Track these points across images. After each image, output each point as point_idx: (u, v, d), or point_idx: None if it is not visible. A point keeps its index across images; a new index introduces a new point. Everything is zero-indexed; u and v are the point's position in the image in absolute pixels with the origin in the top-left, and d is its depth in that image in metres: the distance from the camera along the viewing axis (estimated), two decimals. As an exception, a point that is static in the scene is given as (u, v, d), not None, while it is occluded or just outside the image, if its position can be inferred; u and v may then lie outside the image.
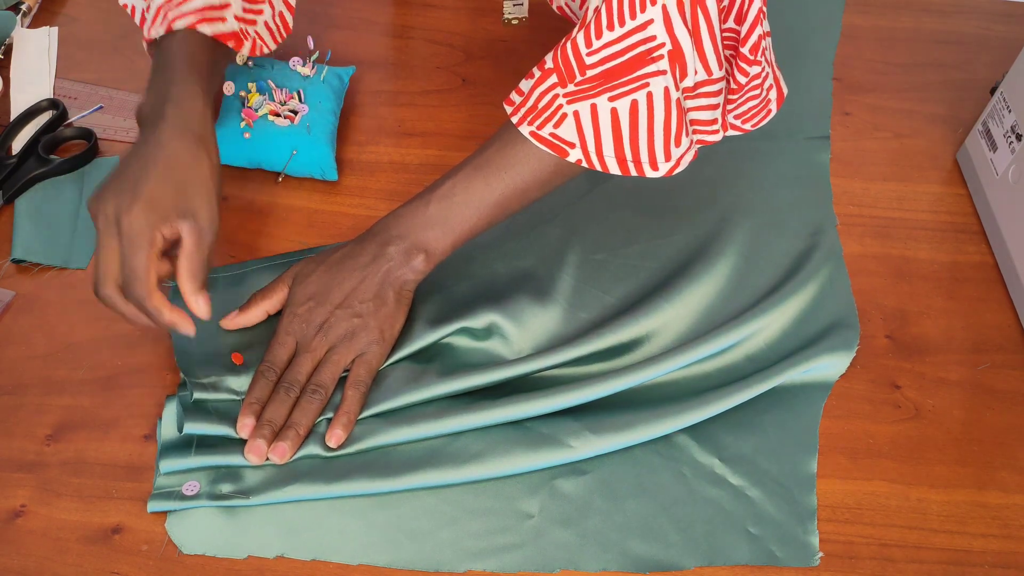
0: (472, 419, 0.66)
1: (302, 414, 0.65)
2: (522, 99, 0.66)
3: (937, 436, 0.70)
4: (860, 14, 1.03)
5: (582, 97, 0.64)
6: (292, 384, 0.66)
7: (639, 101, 0.63)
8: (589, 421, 0.67)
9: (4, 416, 0.68)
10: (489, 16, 1.01)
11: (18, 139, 0.84)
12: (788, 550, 0.63)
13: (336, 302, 0.68)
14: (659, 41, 0.61)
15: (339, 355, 0.67)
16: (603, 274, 0.77)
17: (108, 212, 0.61)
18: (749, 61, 0.65)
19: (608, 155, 0.65)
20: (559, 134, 0.65)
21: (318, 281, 0.69)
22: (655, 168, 0.66)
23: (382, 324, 0.68)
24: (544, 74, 0.65)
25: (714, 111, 0.67)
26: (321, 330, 0.67)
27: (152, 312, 0.61)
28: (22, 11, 0.96)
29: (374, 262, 0.69)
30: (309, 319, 0.67)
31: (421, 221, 0.69)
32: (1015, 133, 0.80)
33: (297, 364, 0.66)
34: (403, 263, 0.68)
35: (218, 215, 0.64)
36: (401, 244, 0.69)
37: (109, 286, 0.61)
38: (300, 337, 0.67)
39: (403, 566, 0.62)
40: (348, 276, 0.68)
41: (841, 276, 0.78)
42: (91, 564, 0.61)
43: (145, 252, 0.60)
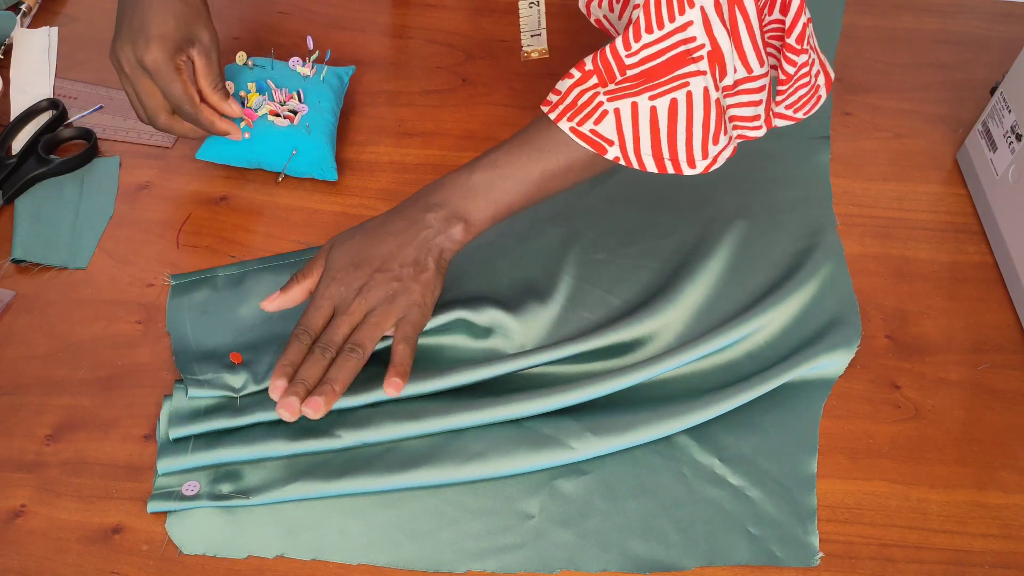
0: (474, 416, 0.66)
1: (339, 371, 0.63)
2: (559, 97, 0.66)
3: (937, 436, 0.70)
4: (860, 14, 1.03)
5: (623, 95, 0.64)
6: (328, 345, 0.64)
7: (679, 100, 0.64)
8: (590, 422, 0.67)
9: (4, 416, 0.68)
10: (489, 16, 1.01)
11: (18, 139, 0.84)
12: (788, 550, 0.63)
13: (375, 266, 0.66)
14: (699, 42, 0.62)
15: (378, 317, 0.65)
16: (604, 274, 0.77)
17: (130, 58, 0.72)
18: (796, 51, 0.66)
19: (645, 153, 0.66)
20: (599, 131, 0.66)
21: (356, 246, 0.67)
22: (692, 166, 0.67)
23: (423, 288, 0.66)
24: (584, 75, 0.65)
25: (756, 107, 0.67)
26: (360, 293, 0.65)
27: (206, 124, 0.76)
28: (22, 11, 0.96)
29: (413, 227, 0.67)
30: (347, 283, 0.66)
31: (463, 190, 0.68)
32: (1015, 133, 0.80)
33: (334, 326, 0.65)
34: (442, 230, 0.67)
35: (216, 33, 0.75)
36: (440, 211, 0.68)
37: (162, 116, 0.75)
38: (338, 301, 0.66)
39: (403, 566, 0.62)
40: (386, 240, 0.67)
41: (842, 274, 0.78)
42: (91, 564, 0.61)
43: (178, 80, 0.72)
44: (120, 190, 0.82)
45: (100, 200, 0.81)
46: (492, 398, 0.67)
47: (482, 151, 0.86)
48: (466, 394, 0.68)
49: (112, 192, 0.82)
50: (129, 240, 0.79)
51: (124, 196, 0.82)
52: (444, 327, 0.71)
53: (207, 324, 0.72)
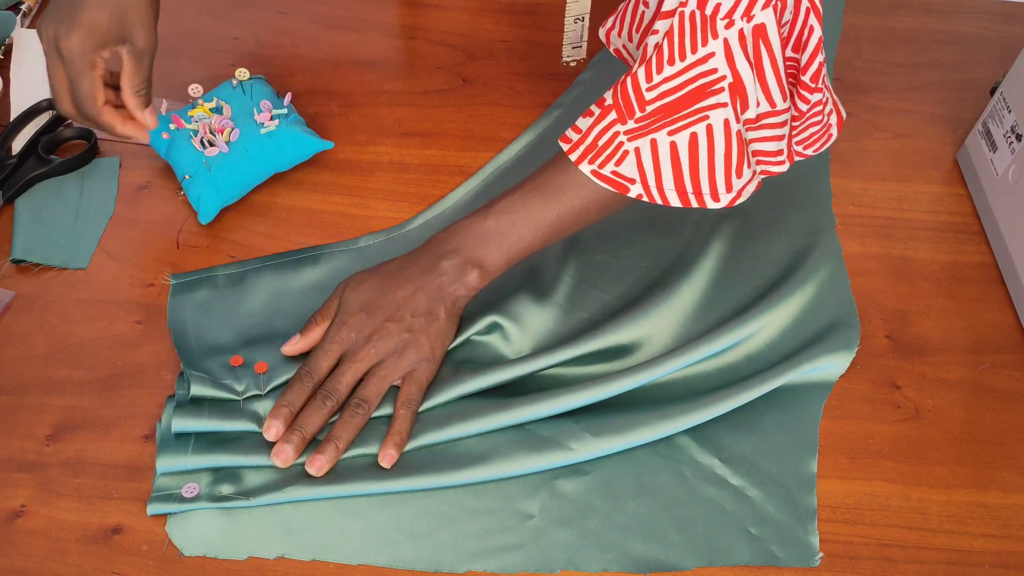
0: (475, 424, 0.66)
1: (344, 428, 0.63)
2: (580, 136, 0.65)
3: (937, 436, 0.70)
4: (860, 14, 1.03)
5: (642, 133, 0.64)
6: (331, 393, 0.64)
7: (699, 134, 0.63)
8: (589, 423, 0.67)
9: (4, 416, 0.68)
10: (489, 16, 1.01)
11: (18, 139, 0.84)
12: (788, 550, 0.63)
13: (387, 314, 0.66)
14: (720, 74, 0.61)
15: (387, 370, 0.65)
16: (603, 274, 0.77)
17: (49, 36, 0.66)
18: (810, 89, 0.65)
19: (668, 188, 0.65)
20: (620, 171, 0.65)
21: (370, 291, 0.67)
22: (716, 199, 0.66)
23: (432, 341, 0.66)
24: (603, 111, 0.64)
25: (779, 142, 0.67)
26: (370, 342, 0.65)
27: (105, 126, 0.70)
28: (22, 11, 0.96)
29: (427, 274, 0.67)
30: (358, 328, 0.66)
31: (477, 235, 0.68)
32: (1015, 133, 0.80)
33: (340, 374, 0.65)
34: (456, 278, 0.67)
35: (155, 38, 0.69)
36: (456, 258, 0.67)
37: (65, 103, 0.69)
38: (348, 347, 0.66)
39: (403, 566, 0.62)
40: (400, 287, 0.67)
41: (840, 275, 0.78)
42: (91, 564, 0.61)
43: (88, 76, 0.67)
44: (120, 190, 0.82)
45: (100, 200, 0.81)
46: (491, 403, 0.67)
47: (482, 151, 0.87)
48: (466, 403, 0.68)
49: (112, 192, 0.82)
50: (129, 240, 0.79)
51: (124, 196, 0.82)
52: None
53: (208, 322, 0.72)
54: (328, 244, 0.79)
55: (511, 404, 0.67)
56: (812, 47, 0.64)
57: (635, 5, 0.71)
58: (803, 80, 0.65)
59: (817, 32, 0.63)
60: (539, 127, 0.89)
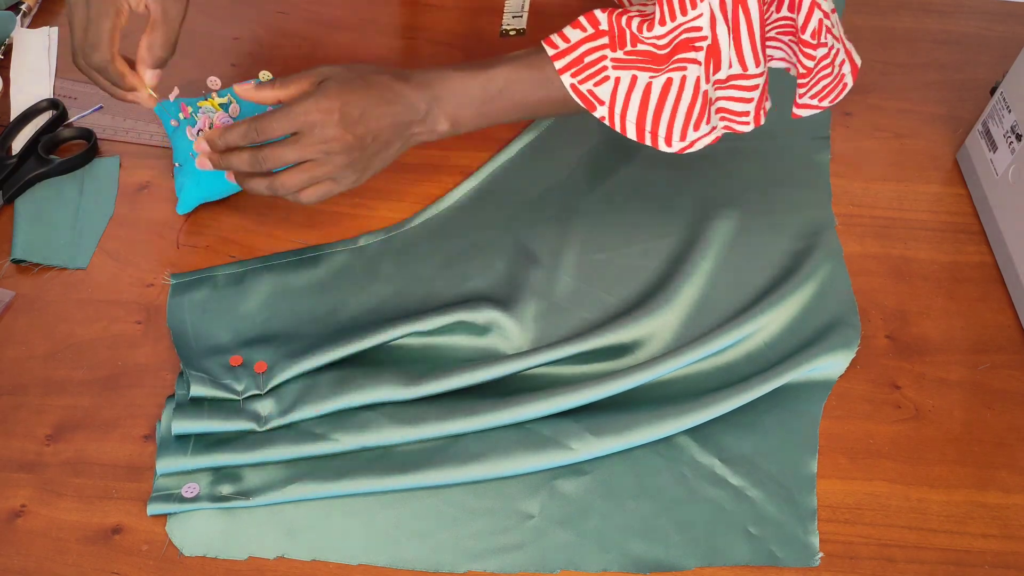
0: (473, 422, 0.66)
1: (239, 161, 0.67)
2: (567, 46, 0.68)
3: (937, 436, 0.70)
4: (860, 14, 1.03)
5: (627, 67, 0.67)
6: (264, 160, 0.67)
7: (673, 80, 0.67)
8: (589, 423, 0.67)
9: (4, 416, 0.68)
10: (489, 16, 1.01)
11: (18, 139, 0.84)
12: (788, 550, 0.63)
13: (353, 127, 0.67)
14: (703, 34, 0.65)
15: (317, 171, 0.67)
16: (603, 274, 0.77)
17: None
18: (813, 46, 0.68)
19: (630, 121, 0.69)
20: (595, 92, 0.68)
21: (352, 92, 0.67)
22: (668, 144, 0.70)
23: (371, 165, 0.69)
24: (596, 33, 0.67)
25: (747, 104, 0.70)
26: (323, 142, 0.66)
27: (114, 76, 0.67)
28: (22, 11, 0.96)
29: (405, 108, 0.69)
30: (324, 123, 0.66)
31: (462, 93, 0.69)
32: (1015, 133, 0.80)
33: (283, 151, 0.67)
34: (427, 123, 0.70)
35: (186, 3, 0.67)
36: (435, 106, 0.69)
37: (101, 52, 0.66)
38: (305, 131, 0.66)
39: (403, 566, 0.62)
40: (378, 107, 0.68)
41: (841, 275, 0.78)
42: (91, 564, 0.61)
43: (110, 19, 0.64)
44: (120, 190, 0.82)
45: (100, 200, 0.81)
46: (491, 401, 0.67)
47: (481, 150, 0.87)
48: (465, 397, 0.68)
49: (112, 192, 0.82)
50: (129, 240, 0.79)
51: (124, 196, 0.82)
52: (444, 328, 0.71)
53: (208, 322, 0.72)
54: (328, 244, 0.79)
55: (511, 402, 0.67)
56: (807, 6, 0.66)
57: None
58: (803, 39, 0.68)
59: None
60: (539, 127, 0.89)
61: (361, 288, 0.76)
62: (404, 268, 0.77)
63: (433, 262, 0.77)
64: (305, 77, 0.69)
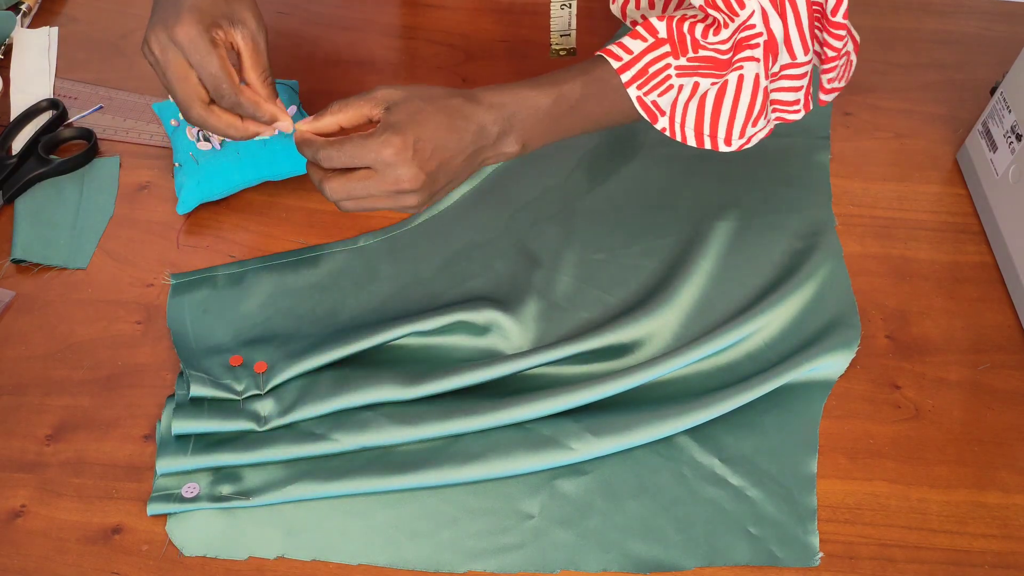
0: (473, 422, 0.66)
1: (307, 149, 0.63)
2: (631, 58, 0.67)
3: (937, 436, 0.69)
4: (860, 14, 1.03)
5: (690, 73, 0.67)
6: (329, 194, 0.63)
7: (730, 81, 0.67)
8: (590, 423, 0.67)
9: (4, 416, 0.68)
10: (489, 16, 1.01)
11: (18, 139, 0.84)
12: (788, 550, 0.63)
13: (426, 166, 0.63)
14: (757, 30, 0.65)
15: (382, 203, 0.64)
16: (603, 274, 0.77)
17: (160, 37, 0.61)
18: (840, 26, 0.69)
19: (688, 127, 0.69)
20: (659, 102, 0.68)
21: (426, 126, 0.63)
22: (728, 144, 0.69)
23: (436, 195, 0.65)
24: (657, 42, 0.66)
25: (797, 92, 0.70)
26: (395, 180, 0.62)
27: (249, 108, 0.62)
28: (22, 11, 0.96)
29: (477, 134, 0.65)
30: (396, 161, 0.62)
31: (534, 113, 0.67)
32: (1015, 133, 0.80)
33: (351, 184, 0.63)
34: (498, 145, 0.67)
35: (261, 16, 0.64)
36: (507, 127, 0.66)
37: (196, 106, 0.62)
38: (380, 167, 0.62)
39: (403, 566, 0.62)
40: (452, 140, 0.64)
41: (841, 275, 0.78)
42: (91, 564, 0.61)
43: (214, 54, 0.61)
44: (120, 190, 0.82)
45: (100, 200, 0.81)
46: (491, 401, 0.67)
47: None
48: (465, 397, 0.68)
49: (112, 192, 0.82)
50: (129, 240, 0.79)
51: (124, 196, 0.82)
52: (444, 328, 0.71)
53: (208, 322, 0.72)
54: (328, 244, 0.79)
55: (511, 402, 0.67)
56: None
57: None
58: (833, 21, 0.68)
59: None
60: (539, 127, 0.89)
61: (361, 288, 0.76)
62: (404, 268, 0.77)
63: (433, 262, 0.77)
64: (366, 101, 0.64)
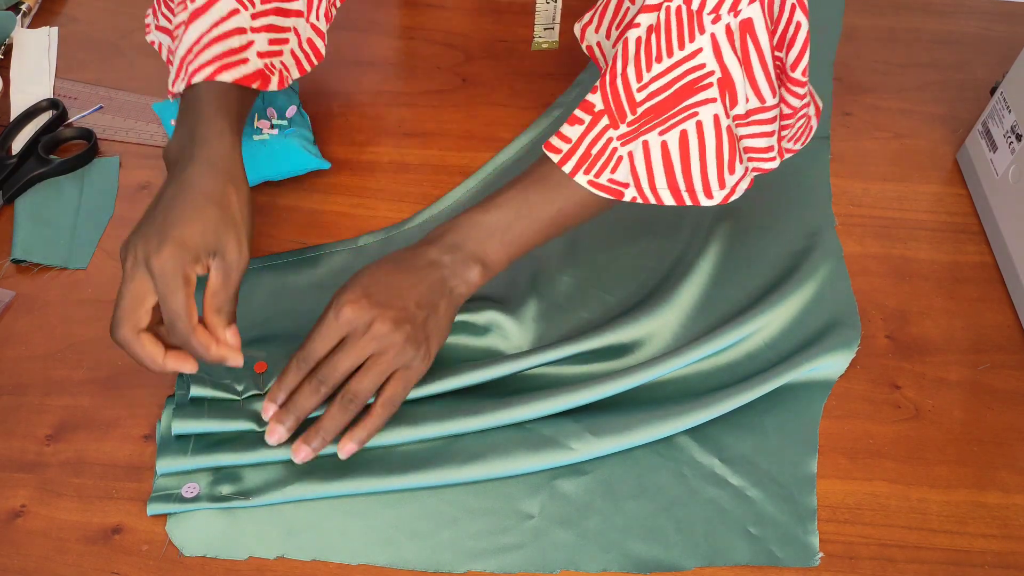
0: (474, 421, 0.66)
1: (332, 421, 0.63)
2: (571, 146, 0.65)
3: (937, 436, 0.70)
4: (860, 14, 1.03)
5: (634, 136, 0.63)
6: (325, 379, 0.63)
7: (688, 131, 0.62)
8: (590, 423, 0.67)
9: (4, 416, 0.68)
10: (489, 16, 1.01)
11: (18, 139, 0.84)
12: (788, 550, 0.63)
13: (389, 302, 0.63)
14: (708, 69, 0.61)
15: (384, 364, 0.63)
16: (603, 274, 0.77)
17: (137, 255, 0.60)
18: (800, 83, 0.65)
19: (661, 187, 0.65)
20: (615, 178, 0.65)
21: (370, 278, 0.65)
22: (709, 196, 0.65)
23: (431, 335, 0.65)
24: (594, 118, 0.64)
25: (770, 138, 0.66)
26: (370, 330, 0.62)
27: (198, 348, 0.60)
28: (22, 11, 0.96)
29: (429, 267, 0.66)
30: (359, 314, 0.62)
31: (478, 231, 0.66)
32: (1015, 133, 0.80)
33: (337, 361, 0.63)
34: (458, 273, 0.66)
35: (248, 251, 0.62)
36: (458, 253, 0.66)
37: (125, 328, 0.60)
38: (348, 330, 0.63)
39: (403, 566, 0.62)
40: (403, 276, 0.65)
41: (841, 275, 0.78)
42: (91, 564, 0.61)
43: (182, 292, 0.59)
44: (120, 190, 0.82)
45: (100, 200, 0.81)
46: (491, 401, 0.67)
47: (482, 151, 0.87)
48: (465, 397, 0.68)
49: (112, 192, 0.82)
50: (129, 240, 0.79)
51: (124, 196, 0.82)
52: None
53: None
54: (328, 244, 0.79)
55: (511, 402, 0.67)
56: (800, 43, 0.63)
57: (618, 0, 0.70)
58: (793, 76, 0.65)
59: (804, 27, 0.63)
60: (539, 127, 0.89)
61: (361, 288, 0.76)
62: (404, 268, 0.77)
63: (433, 262, 0.77)
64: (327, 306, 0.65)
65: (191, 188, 0.62)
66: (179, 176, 0.63)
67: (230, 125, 0.66)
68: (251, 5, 0.69)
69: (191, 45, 0.68)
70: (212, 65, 0.67)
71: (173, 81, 0.70)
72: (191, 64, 0.68)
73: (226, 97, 0.67)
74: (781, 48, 0.64)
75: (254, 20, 0.70)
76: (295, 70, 0.75)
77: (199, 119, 0.65)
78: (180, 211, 0.61)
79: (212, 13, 0.68)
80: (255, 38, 0.70)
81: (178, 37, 0.69)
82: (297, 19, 0.73)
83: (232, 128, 0.66)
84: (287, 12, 0.72)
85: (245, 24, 0.69)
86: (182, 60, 0.68)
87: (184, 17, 0.69)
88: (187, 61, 0.68)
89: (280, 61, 0.73)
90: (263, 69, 0.71)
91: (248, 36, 0.69)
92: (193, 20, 0.68)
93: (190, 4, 0.68)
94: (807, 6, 0.63)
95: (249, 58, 0.69)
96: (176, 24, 0.70)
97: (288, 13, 0.72)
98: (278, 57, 0.72)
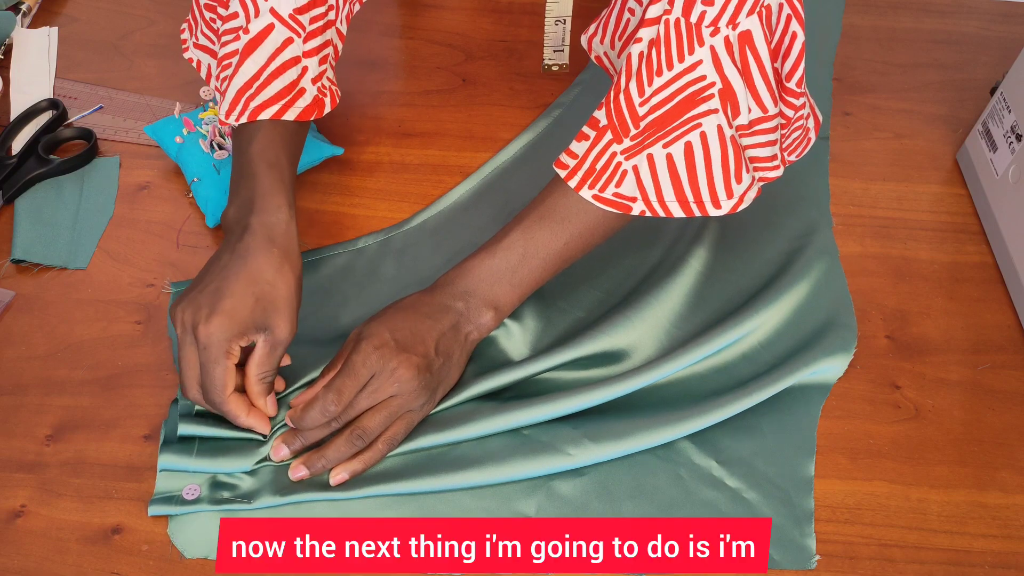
0: (472, 428, 0.66)
1: (336, 453, 0.64)
2: (576, 162, 0.65)
3: (937, 436, 0.69)
4: (860, 14, 1.03)
5: (639, 150, 0.63)
6: (342, 418, 0.64)
7: (693, 143, 0.63)
8: (588, 429, 0.67)
9: (4, 416, 0.68)
10: (489, 16, 1.01)
11: (18, 139, 0.84)
12: (785, 553, 0.63)
13: (413, 348, 0.64)
14: (709, 80, 0.61)
15: (396, 406, 0.64)
16: (600, 274, 0.77)
17: (186, 321, 0.62)
18: (796, 94, 0.65)
19: (669, 200, 0.65)
20: (621, 192, 0.65)
21: (393, 321, 0.66)
22: (717, 206, 0.66)
23: (441, 382, 0.66)
24: (599, 133, 0.64)
25: (772, 147, 0.66)
26: (393, 375, 0.63)
27: (229, 416, 0.63)
28: (22, 11, 0.96)
29: (443, 313, 0.67)
30: (387, 358, 0.63)
31: (488, 275, 0.67)
32: (1015, 133, 0.80)
33: (358, 402, 0.64)
34: (471, 319, 0.67)
35: (295, 328, 0.64)
36: (470, 300, 0.67)
37: (193, 390, 0.63)
38: (375, 372, 0.64)
39: (402, 566, 0.62)
40: (421, 322, 0.66)
41: (836, 275, 0.78)
42: (91, 564, 0.61)
43: (222, 364, 0.61)
44: (120, 190, 0.82)
45: (100, 200, 0.81)
46: (489, 407, 0.67)
47: (482, 151, 0.87)
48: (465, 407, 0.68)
49: (112, 192, 0.82)
50: (129, 240, 0.79)
51: (124, 196, 0.82)
52: None
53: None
54: (328, 247, 0.79)
55: (509, 408, 0.66)
56: (796, 54, 0.63)
57: (619, 12, 0.70)
58: (788, 87, 0.65)
59: (800, 38, 0.63)
60: (539, 127, 0.89)
61: (362, 289, 0.76)
62: (405, 268, 0.77)
63: (434, 262, 0.78)
64: (343, 346, 0.66)
65: (246, 261, 0.63)
66: (235, 246, 0.64)
67: (287, 199, 0.67)
68: (302, 29, 0.70)
69: (250, 79, 0.69)
70: (275, 104, 0.69)
71: (228, 112, 0.70)
72: (252, 100, 0.69)
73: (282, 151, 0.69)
74: (777, 59, 0.64)
75: (305, 44, 0.70)
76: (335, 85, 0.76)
77: (257, 185, 0.66)
78: (233, 284, 0.62)
79: (267, 45, 0.69)
80: (308, 63, 0.71)
81: (231, 66, 0.70)
82: (330, 30, 0.73)
83: (289, 202, 0.67)
84: (326, 25, 0.72)
85: (299, 51, 0.70)
86: (240, 92, 0.69)
87: (238, 47, 0.69)
88: (247, 96, 0.69)
89: (327, 78, 0.74)
90: (317, 95, 0.72)
91: (302, 64, 0.70)
92: (250, 53, 0.69)
93: (243, 35, 0.69)
94: (803, 18, 0.63)
95: (306, 88, 0.71)
96: (227, 51, 0.70)
97: (327, 26, 0.72)
98: (325, 76, 0.73)
